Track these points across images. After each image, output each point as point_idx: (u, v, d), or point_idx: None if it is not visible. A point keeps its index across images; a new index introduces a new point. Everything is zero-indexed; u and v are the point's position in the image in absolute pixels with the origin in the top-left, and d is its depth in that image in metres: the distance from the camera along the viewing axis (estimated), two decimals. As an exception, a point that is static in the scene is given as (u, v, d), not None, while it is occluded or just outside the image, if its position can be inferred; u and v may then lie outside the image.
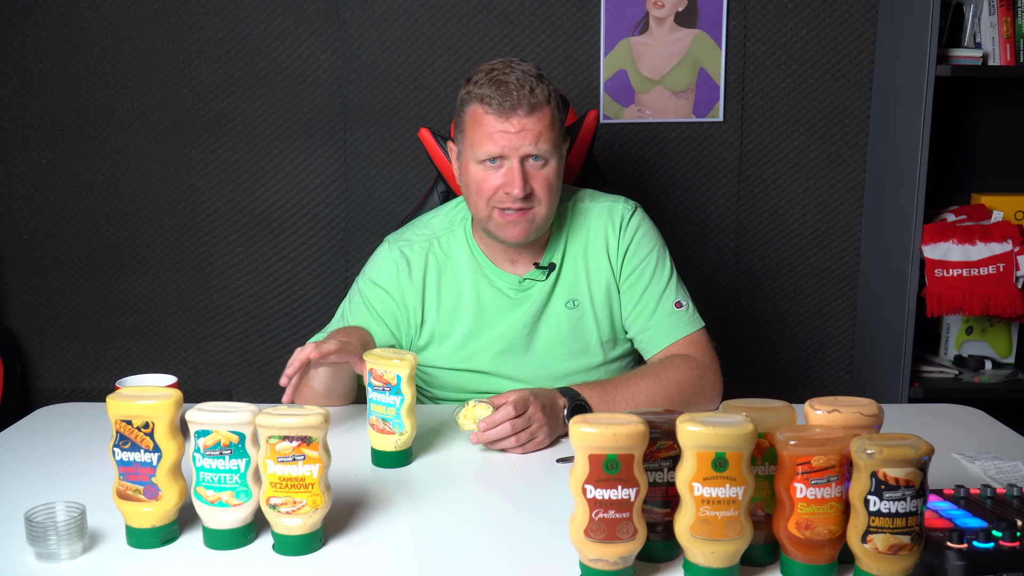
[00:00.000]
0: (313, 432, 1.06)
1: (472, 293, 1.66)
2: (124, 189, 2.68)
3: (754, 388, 2.72)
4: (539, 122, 1.54)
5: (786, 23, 2.56)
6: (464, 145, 1.59)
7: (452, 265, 1.68)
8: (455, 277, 1.67)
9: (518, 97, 1.52)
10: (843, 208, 2.67)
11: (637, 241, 1.68)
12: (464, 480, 1.32)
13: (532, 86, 1.53)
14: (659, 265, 1.68)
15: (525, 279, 1.66)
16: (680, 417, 0.99)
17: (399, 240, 1.71)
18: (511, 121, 1.53)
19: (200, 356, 2.77)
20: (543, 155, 1.55)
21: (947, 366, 2.51)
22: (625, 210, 1.70)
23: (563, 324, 1.66)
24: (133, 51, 2.60)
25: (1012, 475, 1.28)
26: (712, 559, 0.98)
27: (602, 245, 1.67)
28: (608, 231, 1.68)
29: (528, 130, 1.53)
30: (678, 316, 1.65)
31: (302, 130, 2.63)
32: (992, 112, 2.59)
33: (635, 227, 1.69)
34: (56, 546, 1.05)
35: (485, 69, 1.57)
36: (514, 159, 1.54)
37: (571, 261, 1.68)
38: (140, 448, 1.08)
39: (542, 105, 1.54)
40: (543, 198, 1.57)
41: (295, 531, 1.07)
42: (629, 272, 1.67)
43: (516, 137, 1.53)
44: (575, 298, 1.67)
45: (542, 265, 1.66)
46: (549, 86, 1.57)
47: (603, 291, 1.67)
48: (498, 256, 1.67)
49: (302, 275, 2.71)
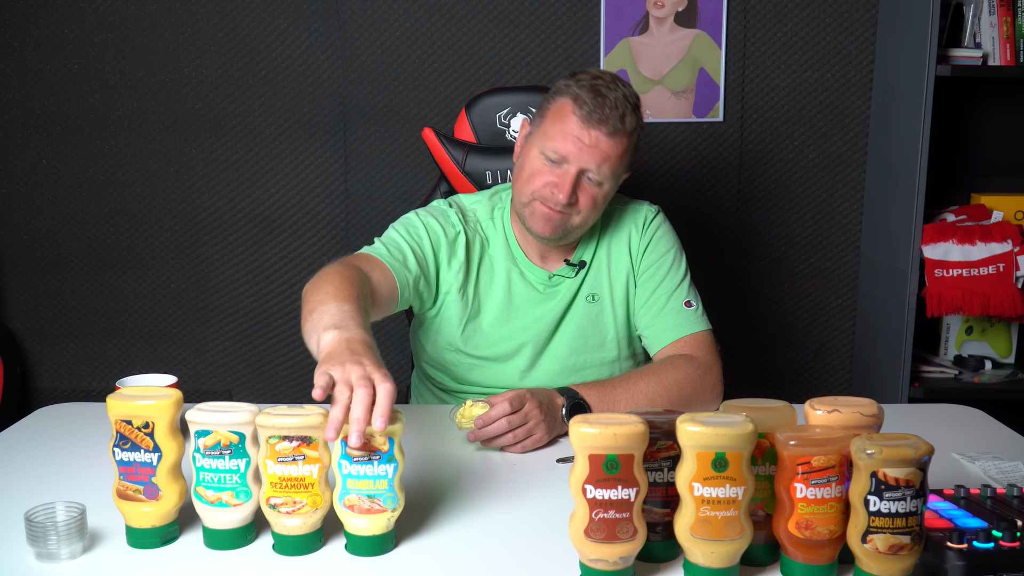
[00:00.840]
0: (313, 432, 1.06)
1: (504, 280, 1.69)
2: (124, 189, 2.68)
3: (754, 388, 2.72)
4: (614, 148, 1.57)
5: (786, 23, 2.56)
6: (537, 130, 1.62)
7: (491, 251, 1.71)
8: (492, 263, 1.70)
9: (608, 115, 1.55)
10: (843, 208, 2.67)
11: (657, 240, 1.73)
12: (463, 480, 1.32)
13: (625, 112, 1.56)
14: (674, 265, 1.72)
15: (555, 275, 1.70)
16: (680, 417, 0.99)
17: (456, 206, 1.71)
18: (590, 132, 1.55)
19: (200, 356, 2.77)
20: (601, 178, 1.58)
21: (947, 366, 2.51)
22: (649, 212, 1.76)
23: (583, 317, 1.70)
24: (133, 51, 2.60)
25: (1012, 475, 1.28)
26: (712, 559, 0.98)
27: (625, 243, 1.73)
28: (632, 230, 1.73)
29: (600, 150, 1.56)
30: (686, 314, 1.68)
31: (302, 130, 2.63)
32: (992, 112, 2.59)
33: (656, 227, 1.74)
34: (56, 546, 1.05)
35: (592, 74, 1.60)
36: (573, 167, 1.57)
37: (596, 258, 1.72)
38: (140, 448, 1.08)
39: (624, 134, 1.57)
40: (584, 211, 1.60)
41: (295, 531, 1.07)
42: (646, 268, 1.72)
43: (587, 149, 1.55)
44: (595, 292, 1.71)
45: (572, 262, 1.70)
46: (639, 120, 1.60)
47: (622, 287, 1.72)
48: (530, 250, 1.71)
49: (302, 275, 2.70)
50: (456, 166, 1.94)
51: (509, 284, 1.69)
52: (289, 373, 2.76)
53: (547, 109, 1.61)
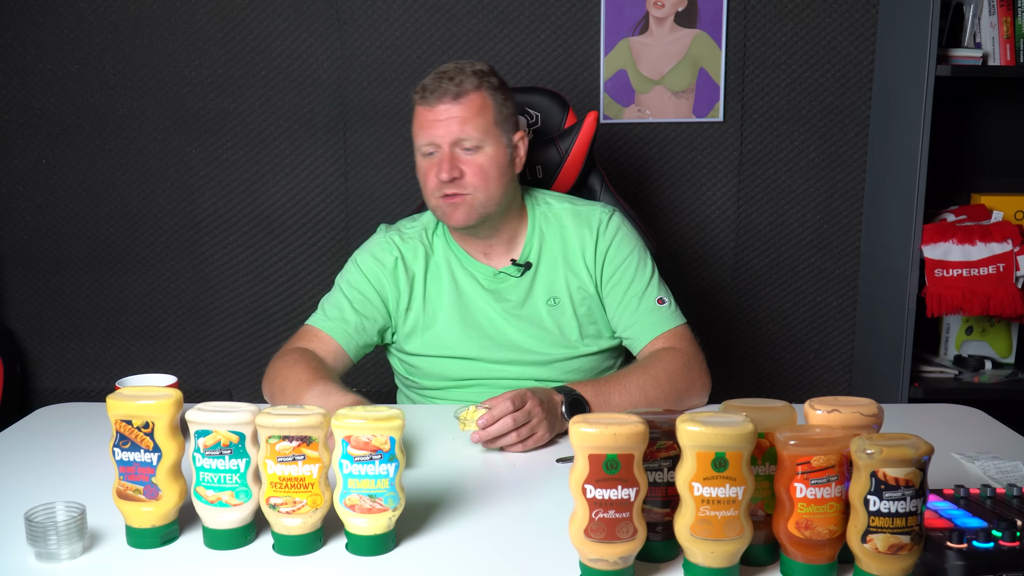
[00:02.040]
0: (313, 432, 1.06)
1: (450, 282, 1.72)
2: (124, 189, 2.68)
3: (754, 388, 2.72)
4: (465, 108, 1.61)
5: (786, 23, 2.56)
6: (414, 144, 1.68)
7: (435, 257, 1.74)
8: (437, 268, 1.73)
9: (444, 87, 1.60)
10: (843, 208, 2.67)
11: (616, 244, 1.73)
12: (463, 480, 1.32)
13: (461, 75, 1.61)
14: (640, 265, 1.73)
15: (500, 272, 1.72)
16: (680, 417, 0.99)
17: (392, 230, 1.78)
18: (437, 109, 1.61)
19: (200, 356, 2.77)
20: (473, 140, 1.61)
21: (947, 366, 2.51)
22: (603, 215, 1.76)
23: (544, 319, 1.72)
24: (133, 51, 2.60)
25: (1012, 475, 1.28)
26: (712, 559, 0.98)
27: (578, 249, 1.73)
28: (585, 237, 1.73)
29: (453, 117, 1.61)
30: (661, 311, 1.70)
31: (302, 130, 2.63)
32: (992, 112, 2.59)
33: (613, 231, 1.74)
34: (56, 546, 1.05)
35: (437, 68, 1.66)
36: (445, 147, 1.62)
37: (549, 262, 1.73)
38: (140, 448, 1.08)
39: (468, 92, 1.61)
40: (477, 183, 1.63)
41: (295, 531, 1.07)
42: (611, 274, 1.72)
43: (443, 124, 1.61)
44: (555, 296, 1.72)
45: (519, 263, 1.72)
46: (486, 78, 1.64)
47: (580, 292, 1.73)
48: (472, 248, 1.74)
49: (302, 275, 2.71)
50: None
51: (455, 282, 1.72)
52: (289, 373, 2.75)
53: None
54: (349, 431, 1.05)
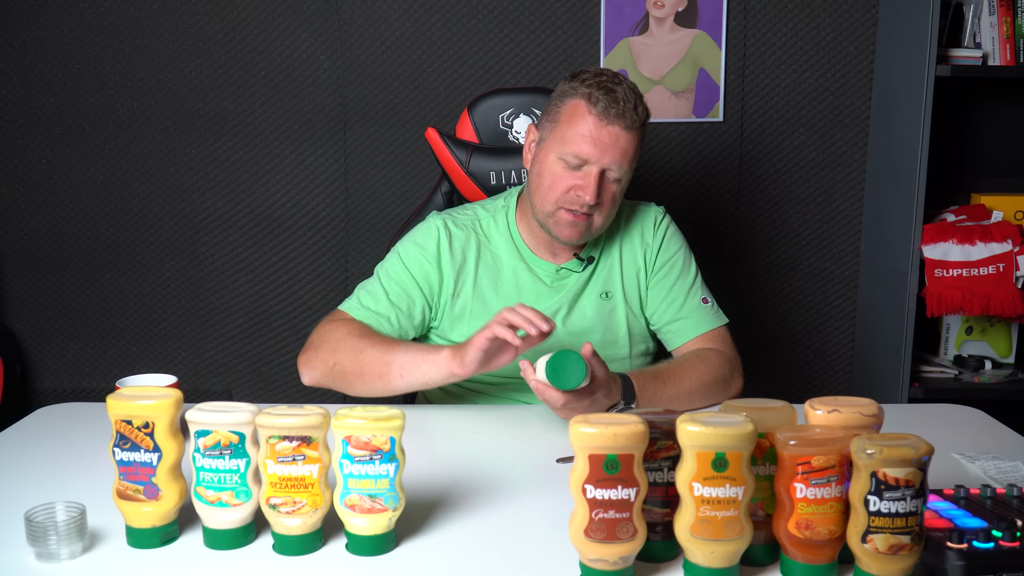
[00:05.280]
0: (313, 432, 1.06)
1: (511, 275, 1.71)
2: (124, 189, 2.68)
3: (754, 388, 2.70)
4: (631, 142, 1.59)
5: (786, 23, 2.56)
6: (551, 136, 1.62)
7: (491, 247, 1.73)
8: (494, 259, 1.72)
9: (623, 109, 1.56)
10: (843, 208, 2.67)
11: (668, 239, 1.77)
12: (463, 480, 1.32)
13: (636, 104, 1.58)
14: (686, 263, 1.77)
15: (562, 268, 1.72)
16: (680, 417, 0.99)
17: (442, 216, 1.75)
18: (609, 129, 1.56)
19: (200, 356, 2.77)
20: (621, 173, 1.60)
21: (947, 366, 2.51)
22: (658, 212, 1.79)
23: (596, 313, 1.72)
24: (133, 51, 2.60)
25: (1012, 475, 1.28)
26: (712, 559, 0.98)
27: (637, 242, 1.76)
28: (644, 229, 1.76)
29: (619, 146, 1.57)
30: (706, 310, 1.74)
31: (302, 130, 2.63)
32: (992, 112, 2.59)
33: (666, 227, 1.79)
34: (56, 546, 1.05)
35: (594, 71, 1.61)
36: (595, 167, 1.58)
37: (607, 256, 1.75)
38: (140, 448, 1.08)
39: (638, 126, 1.59)
40: (605, 209, 1.63)
41: (295, 531, 1.07)
42: (660, 266, 1.75)
43: (607, 148, 1.57)
44: (608, 290, 1.74)
45: (582, 257, 1.72)
46: (647, 110, 1.61)
47: (634, 285, 1.75)
48: (540, 246, 1.73)
49: (302, 275, 2.71)
50: (460, 166, 1.94)
51: (516, 278, 1.71)
52: (289, 373, 2.76)
53: (558, 113, 1.61)
54: (349, 431, 1.05)
